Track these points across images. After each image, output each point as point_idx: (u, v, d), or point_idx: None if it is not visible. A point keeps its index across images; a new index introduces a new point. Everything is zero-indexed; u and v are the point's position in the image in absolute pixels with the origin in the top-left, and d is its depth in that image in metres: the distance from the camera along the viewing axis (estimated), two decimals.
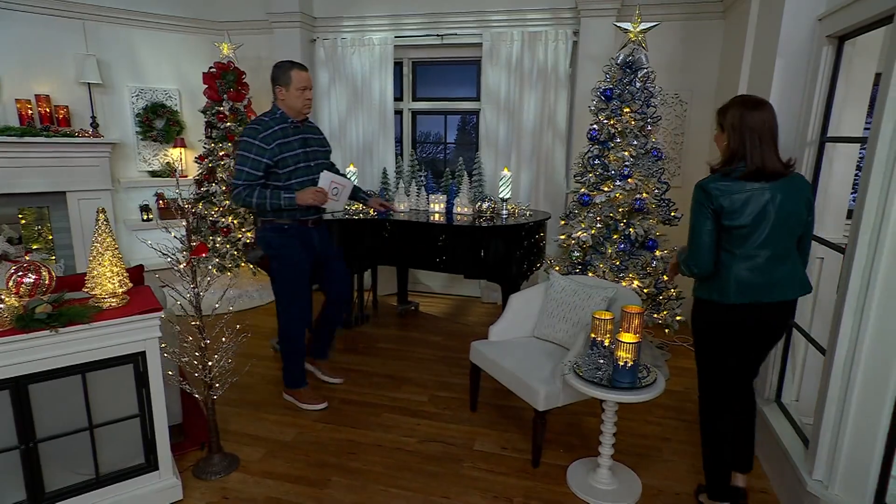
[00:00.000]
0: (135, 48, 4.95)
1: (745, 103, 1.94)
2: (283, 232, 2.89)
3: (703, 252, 1.94)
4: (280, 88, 2.80)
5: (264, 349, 3.94)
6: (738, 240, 1.90)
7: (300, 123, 2.90)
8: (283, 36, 4.94)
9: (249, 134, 2.76)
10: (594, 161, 3.56)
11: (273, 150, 2.75)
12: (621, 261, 3.50)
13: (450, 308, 4.99)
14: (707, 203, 1.90)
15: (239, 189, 2.77)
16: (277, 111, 2.84)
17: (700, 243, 1.94)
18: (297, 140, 2.86)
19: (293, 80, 2.78)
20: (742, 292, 1.91)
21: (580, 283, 2.97)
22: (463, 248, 3.45)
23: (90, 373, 2.00)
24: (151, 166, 5.18)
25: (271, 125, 2.78)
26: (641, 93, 3.41)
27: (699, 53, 4.28)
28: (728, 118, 1.95)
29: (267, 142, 2.74)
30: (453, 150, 5.62)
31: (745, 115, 1.90)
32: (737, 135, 1.91)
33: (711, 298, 1.98)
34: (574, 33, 4.44)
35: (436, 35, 4.82)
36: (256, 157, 2.73)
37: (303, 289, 3.00)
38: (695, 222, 1.95)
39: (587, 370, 2.31)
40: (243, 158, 2.75)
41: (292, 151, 2.82)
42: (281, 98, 2.82)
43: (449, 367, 3.71)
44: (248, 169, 2.75)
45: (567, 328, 2.86)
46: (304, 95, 2.81)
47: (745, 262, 1.91)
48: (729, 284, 1.92)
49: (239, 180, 2.76)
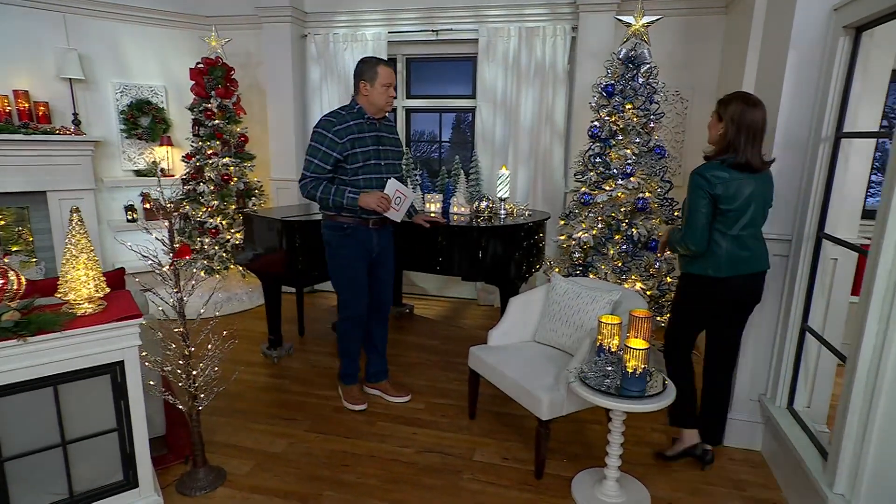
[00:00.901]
0: (119, 43, 4.79)
1: (746, 100, 2.16)
2: (341, 230, 2.83)
3: (701, 232, 2.19)
4: (364, 84, 2.72)
5: (254, 354, 3.80)
6: (729, 221, 2.19)
7: (377, 121, 2.82)
8: (273, 31, 4.80)
9: (324, 126, 2.70)
10: (595, 159, 3.45)
11: (345, 145, 2.70)
12: (623, 262, 3.39)
13: (446, 311, 4.86)
14: (707, 189, 2.15)
15: (306, 181, 2.74)
16: (356, 106, 2.77)
17: (698, 225, 2.18)
18: (372, 137, 2.79)
19: (379, 76, 2.70)
20: (733, 266, 2.23)
21: (583, 285, 2.86)
22: (460, 249, 3.32)
23: (63, 385, 1.86)
24: (137, 165, 5.02)
25: (347, 119, 2.73)
26: (644, 88, 3.31)
27: (700, 50, 4.19)
28: (729, 111, 2.16)
29: (340, 136, 2.68)
30: (448, 149, 5.49)
31: (746, 112, 2.13)
32: (734, 128, 2.14)
33: (706, 273, 2.26)
34: (573, 29, 4.33)
35: (431, 30, 4.70)
36: (328, 150, 2.69)
37: (359, 288, 2.92)
38: (694, 206, 2.19)
39: (594, 378, 2.19)
40: (314, 150, 2.71)
41: (364, 148, 2.75)
42: (364, 94, 2.74)
43: (446, 372, 3.58)
44: (318, 161, 2.71)
45: (570, 332, 2.75)
46: (388, 92, 2.75)
47: (734, 241, 2.21)
48: (722, 260, 2.23)
49: (308, 171, 2.74)
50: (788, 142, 2.42)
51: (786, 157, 2.43)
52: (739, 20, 3.75)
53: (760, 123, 2.14)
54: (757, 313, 2.60)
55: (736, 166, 2.14)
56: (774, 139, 2.42)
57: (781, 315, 2.53)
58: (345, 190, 2.73)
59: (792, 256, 2.47)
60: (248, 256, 3.75)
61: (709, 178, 2.14)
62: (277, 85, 4.91)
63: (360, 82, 2.73)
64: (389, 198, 2.76)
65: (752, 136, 2.12)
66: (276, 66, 4.87)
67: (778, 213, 2.48)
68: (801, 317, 2.45)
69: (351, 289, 2.92)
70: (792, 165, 2.43)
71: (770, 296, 2.57)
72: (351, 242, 2.84)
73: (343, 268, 2.88)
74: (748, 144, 2.12)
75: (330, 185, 2.74)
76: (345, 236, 2.83)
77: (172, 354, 2.28)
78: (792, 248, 2.47)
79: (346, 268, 2.87)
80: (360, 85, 2.73)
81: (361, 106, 2.76)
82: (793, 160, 2.42)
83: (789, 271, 2.49)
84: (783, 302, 2.53)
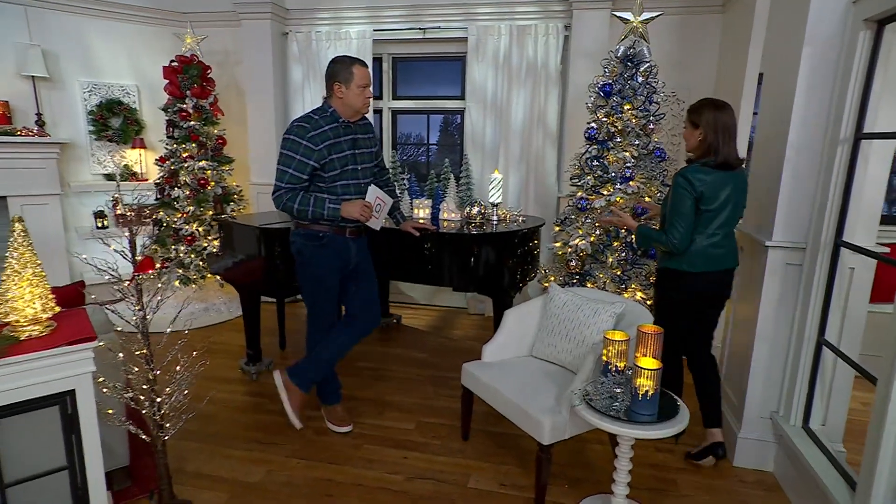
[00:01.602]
0: (86, 39, 4.52)
1: (716, 105, 2.34)
2: (316, 240, 2.63)
3: (686, 231, 2.32)
4: (339, 85, 2.52)
5: (231, 370, 3.56)
6: (706, 221, 2.33)
7: (352, 123, 2.62)
8: (252, 28, 4.57)
9: (297, 133, 2.49)
10: (592, 162, 3.29)
11: (321, 152, 2.50)
12: (623, 270, 3.23)
13: (435, 321, 4.66)
14: (690, 190, 2.28)
15: (281, 192, 2.53)
16: (329, 109, 2.57)
17: (683, 224, 2.31)
18: (348, 141, 2.59)
19: (355, 77, 2.51)
20: (707, 262, 2.36)
21: (583, 296, 2.68)
22: (451, 258, 3.13)
23: (3, 419, 1.62)
24: (107, 169, 4.74)
25: (321, 124, 2.52)
26: (643, 88, 3.15)
27: (696, 49, 4.06)
28: (703, 118, 2.33)
29: (315, 142, 2.48)
30: (436, 152, 5.31)
31: (718, 116, 2.30)
32: (712, 132, 2.30)
33: (681, 268, 2.39)
34: (565, 27, 4.18)
35: (418, 28, 4.51)
36: (303, 158, 2.48)
37: (332, 302, 2.75)
38: (679, 206, 2.31)
39: (600, 400, 2.01)
40: (288, 159, 2.49)
41: (340, 154, 2.56)
42: (339, 96, 2.53)
43: (436, 387, 3.38)
44: (293, 171, 2.49)
45: (570, 348, 2.56)
46: (365, 94, 2.56)
47: (709, 239, 2.34)
48: (697, 256, 2.36)
49: (282, 182, 2.52)
50: (802, 143, 2.27)
51: (799, 160, 2.28)
52: (738, 18, 3.63)
53: (732, 124, 2.31)
54: (768, 326, 2.45)
55: (716, 166, 2.28)
56: (788, 139, 2.28)
57: (795, 328, 2.38)
58: (325, 200, 2.54)
59: (807, 265, 2.32)
60: (225, 265, 3.52)
61: (692, 180, 2.27)
62: (257, 85, 4.68)
63: (334, 84, 2.53)
64: (372, 205, 2.58)
65: (727, 136, 2.29)
66: (256, 64, 4.65)
67: (791, 220, 2.34)
68: (817, 330, 2.30)
69: (324, 303, 2.73)
70: (806, 168, 2.28)
71: (782, 307, 2.42)
72: (327, 253, 2.64)
73: (317, 280, 2.68)
74: (725, 144, 2.28)
75: (307, 195, 2.55)
76: (320, 246, 2.63)
77: (135, 379, 2.05)
78: (807, 256, 2.32)
79: (321, 280, 2.67)
80: (333, 87, 2.53)
81: (335, 109, 2.56)
82: (807, 163, 2.28)
83: (803, 281, 2.34)
84: (797, 314, 2.37)
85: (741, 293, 2.71)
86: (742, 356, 2.63)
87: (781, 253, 2.37)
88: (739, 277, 2.73)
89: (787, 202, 2.33)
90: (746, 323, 2.60)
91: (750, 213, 2.70)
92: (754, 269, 2.52)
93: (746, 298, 2.62)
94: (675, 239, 2.33)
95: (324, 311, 2.77)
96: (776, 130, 2.40)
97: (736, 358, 2.74)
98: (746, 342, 2.58)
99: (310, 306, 2.77)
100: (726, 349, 2.90)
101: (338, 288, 2.75)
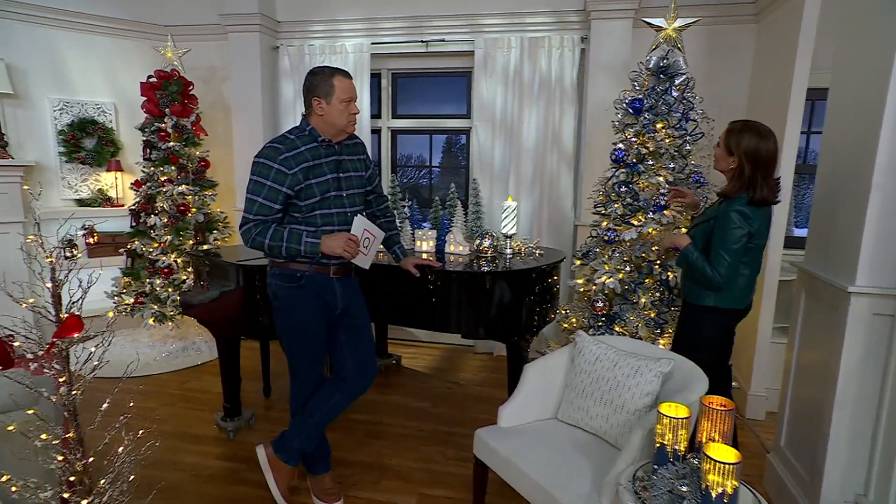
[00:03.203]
0: (58, 53, 4.16)
1: (759, 132, 2.11)
2: (294, 281, 2.21)
3: (735, 266, 2.14)
4: (318, 100, 2.12)
5: (206, 425, 3.10)
6: (755, 255, 2.20)
7: (336, 143, 2.22)
8: (240, 41, 4.21)
9: (268, 156, 2.09)
10: (620, 188, 2.87)
11: (296, 177, 2.10)
12: (658, 313, 2.79)
13: (438, 361, 4.20)
14: (747, 225, 2.10)
15: (249, 226, 2.13)
16: (307, 128, 2.17)
17: (733, 258, 2.12)
18: (330, 163, 2.19)
19: (336, 90, 2.11)
20: (746, 297, 2.27)
21: (619, 349, 2.24)
22: (459, 299, 2.69)
23: None
24: (79, 193, 4.34)
25: (297, 144, 2.13)
26: (679, 104, 2.75)
27: (727, 63, 3.69)
28: (743, 145, 2.11)
29: (289, 165, 2.08)
30: (438, 174, 4.91)
31: (760, 145, 2.09)
32: (751, 165, 2.10)
33: (727, 306, 2.24)
34: (582, 39, 3.81)
35: (420, 41, 4.14)
36: (274, 184, 2.08)
37: (314, 359, 2.32)
38: (732, 240, 2.11)
39: (657, 496, 1.56)
40: (257, 186, 2.10)
41: (320, 178, 2.16)
42: (319, 113, 2.13)
43: (441, 446, 2.92)
44: (263, 200, 2.09)
45: (607, 414, 2.11)
46: (350, 109, 2.16)
47: (751, 273, 2.23)
48: (742, 290, 2.23)
49: (250, 214, 2.12)
50: None
51: (890, 188, 1.86)
52: (778, 26, 3.25)
53: (773, 156, 2.12)
54: (850, 387, 2.01)
55: (754, 203, 2.11)
56: (876, 161, 1.86)
57: (889, 392, 1.93)
58: (301, 234, 2.12)
59: None
60: (199, 303, 3.07)
61: (748, 215, 2.10)
62: (245, 102, 4.30)
63: (313, 99, 2.12)
64: (358, 239, 2.16)
65: (767, 171, 2.10)
66: (244, 80, 4.27)
67: (879, 261, 1.92)
68: None
69: (308, 355, 2.29)
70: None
71: (868, 365, 1.98)
72: (307, 296, 2.21)
73: (298, 329, 2.24)
74: (764, 180, 2.10)
75: (280, 228, 2.13)
76: (298, 288, 2.20)
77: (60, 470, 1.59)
78: None
79: (302, 329, 2.24)
80: (312, 102, 2.13)
81: (314, 127, 2.16)
82: None
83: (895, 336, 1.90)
84: (889, 374, 1.93)
85: (808, 338, 2.29)
86: (814, 419, 2.18)
87: (867, 301, 1.93)
88: (805, 320, 2.31)
89: (873, 239, 1.91)
90: (819, 378, 2.15)
91: (816, 249, 2.28)
92: (831, 318, 2.08)
93: (815, 346, 2.21)
94: (720, 275, 2.14)
95: (308, 366, 2.32)
96: (856, 153, 1.99)
97: (805, 420, 2.29)
98: (819, 402, 2.13)
99: (291, 360, 2.33)
100: (786, 405, 2.45)
101: (323, 338, 2.31)
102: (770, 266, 3.13)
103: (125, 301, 4.02)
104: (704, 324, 2.30)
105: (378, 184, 2.51)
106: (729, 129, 2.18)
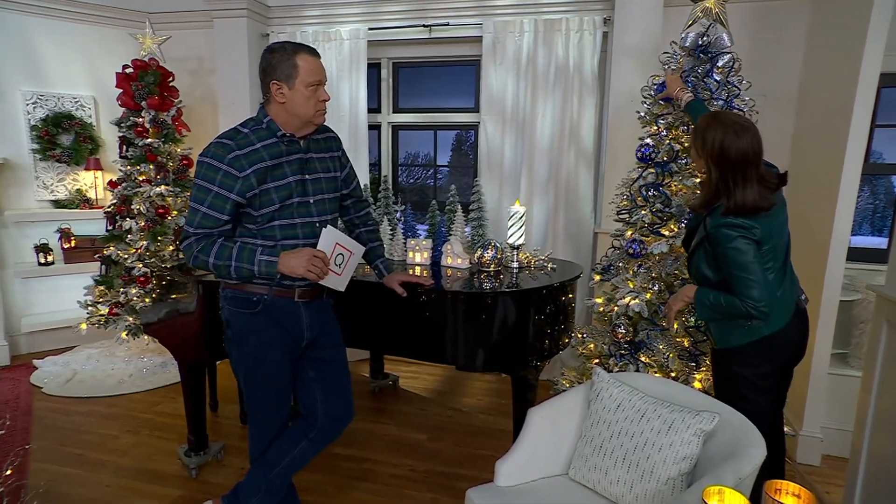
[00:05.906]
0: (30, 42, 3.84)
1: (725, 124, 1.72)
2: (249, 306, 1.80)
3: (765, 283, 1.70)
4: (278, 85, 1.70)
5: (169, 460, 2.73)
6: (769, 258, 1.75)
7: (301, 138, 1.80)
8: (226, 28, 3.84)
9: (214, 154, 1.68)
10: (648, 191, 2.41)
11: (248, 181, 1.69)
12: (693, 342, 2.32)
13: (437, 382, 3.78)
14: (747, 235, 1.70)
15: (190, 240, 1.72)
16: (264, 119, 1.75)
17: (758, 276, 1.69)
18: (293, 163, 1.78)
19: (300, 72, 1.69)
20: (789, 309, 1.82)
21: (647, 396, 1.78)
22: (454, 324, 2.26)
23: None
24: (55, 194, 4.03)
25: (252, 140, 1.71)
26: (723, 89, 2.28)
27: (774, 46, 3.18)
28: (707, 143, 1.75)
29: (240, 167, 1.67)
30: (446, 175, 4.50)
31: (728, 143, 1.70)
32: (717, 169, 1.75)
33: (772, 332, 1.78)
34: (605, 21, 3.34)
35: (422, 26, 3.72)
36: (221, 190, 1.68)
37: (275, 398, 1.91)
38: (742, 261, 1.69)
39: None
40: (201, 192, 1.69)
41: (280, 181, 1.75)
42: (279, 101, 1.72)
43: (437, 494, 2.50)
44: (206, 209, 1.69)
45: (631, 479, 1.66)
46: (318, 95, 1.74)
47: (789, 275, 1.85)
48: (783, 307, 1.80)
49: (191, 227, 1.71)
50: None
51: None
52: (841, 4, 2.75)
53: (750, 154, 1.69)
54: None
55: (733, 212, 1.70)
56: None
57: None
58: (255, 250, 1.72)
59: None
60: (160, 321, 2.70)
61: (738, 225, 1.69)
62: (232, 94, 3.93)
63: (272, 83, 1.70)
64: (326, 257, 1.74)
65: (745, 173, 1.69)
66: (231, 72, 3.90)
67: None
68: None
69: (267, 394, 1.89)
70: None
71: None
72: (265, 324, 1.81)
73: (253, 364, 1.84)
74: (743, 184, 1.69)
75: (229, 243, 1.73)
76: (254, 315, 1.80)
77: None
78: None
79: (259, 363, 1.83)
80: (271, 87, 1.71)
81: (272, 119, 1.74)
82: None
83: None
84: None
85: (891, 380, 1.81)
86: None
87: None
88: (887, 357, 1.85)
89: None
90: None
91: None
92: None
93: None
94: (754, 299, 1.67)
95: (270, 410, 1.92)
96: None
97: (889, 483, 1.81)
98: None
99: (249, 399, 1.93)
100: (861, 462, 1.97)
101: (288, 376, 1.90)
102: (828, 283, 2.64)
103: (99, 311, 3.69)
104: (746, 364, 1.83)
105: (357, 186, 2.10)
106: (695, 127, 1.83)
